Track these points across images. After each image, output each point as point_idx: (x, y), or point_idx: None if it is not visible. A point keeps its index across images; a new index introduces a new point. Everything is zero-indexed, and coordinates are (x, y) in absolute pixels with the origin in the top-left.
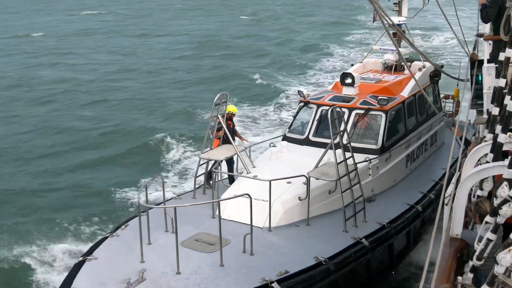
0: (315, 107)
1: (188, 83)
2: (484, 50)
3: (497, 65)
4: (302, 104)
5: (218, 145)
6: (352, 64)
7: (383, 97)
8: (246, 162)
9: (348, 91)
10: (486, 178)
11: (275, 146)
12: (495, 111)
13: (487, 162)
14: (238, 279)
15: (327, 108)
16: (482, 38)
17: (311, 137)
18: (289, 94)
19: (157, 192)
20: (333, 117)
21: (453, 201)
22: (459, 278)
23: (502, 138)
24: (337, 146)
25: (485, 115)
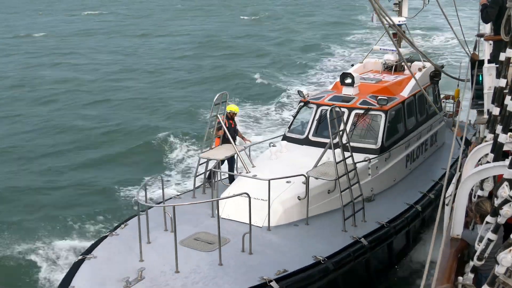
0: (315, 107)
1: (189, 82)
2: (485, 50)
3: (497, 65)
4: (302, 104)
5: (219, 145)
6: (352, 64)
7: (382, 97)
8: (245, 161)
9: (348, 91)
10: (487, 178)
11: (275, 146)
12: (496, 111)
13: (487, 162)
14: (236, 278)
15: (327, 108)
16: (482, 38)
17: (310, 137)
18: (290, 93)
19: (160, 191)
20: (332, 116)
21: (453, 201)
22: (460, 278)
23: (502, 138)
24: (336, 145)
25: (486, 115)
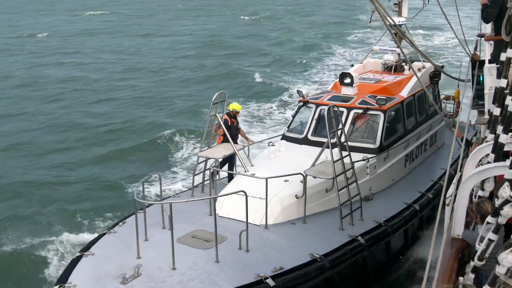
0: (314, 107)
1: (193, 81)
2: (485, 51)
3: (498, 66)
4: (301, 103)
5: (220, 143)
6: (352, 65)
7: (381, 97)
8: (244, 160)
9: (347, 91)
10: (488, 178)
11: (274, 145)
12: (497, 111)
13: (488, 162)
14: (233, 275)
15: (326, 107)
16: (483, 38)
17: (309, 136)
18: (293, 92)
19: (164, 187)
20: (330, 116)
21: (454, 202)
22: (461, 278)
23: (503, 138)
24: (334, 145)
25: (487, 116)
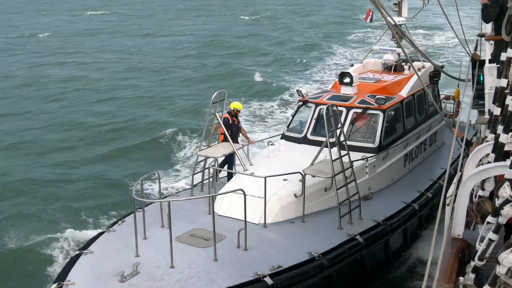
0: (314, 106)
1: (195, 81)
2: (486, 50)
3: (498, 65)
4: (300, 103)
5: (222, 142)
6: (352, 64)
7: (381, 96)
8: (243, 159)
9: (346, 91)
10: (488, 178)
11: (273, 145)
12: (497, 111)
13: (488, 162)
14: (231, 273)
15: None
16: (483, 38)
17: (309, 135)
18: (293, 92)
19: (163, 186)
20: (329, 115)
21: (454, 201)
22: (461, 278)
23: (503, 138)
24: (333, 144)
25: (487, 115)
